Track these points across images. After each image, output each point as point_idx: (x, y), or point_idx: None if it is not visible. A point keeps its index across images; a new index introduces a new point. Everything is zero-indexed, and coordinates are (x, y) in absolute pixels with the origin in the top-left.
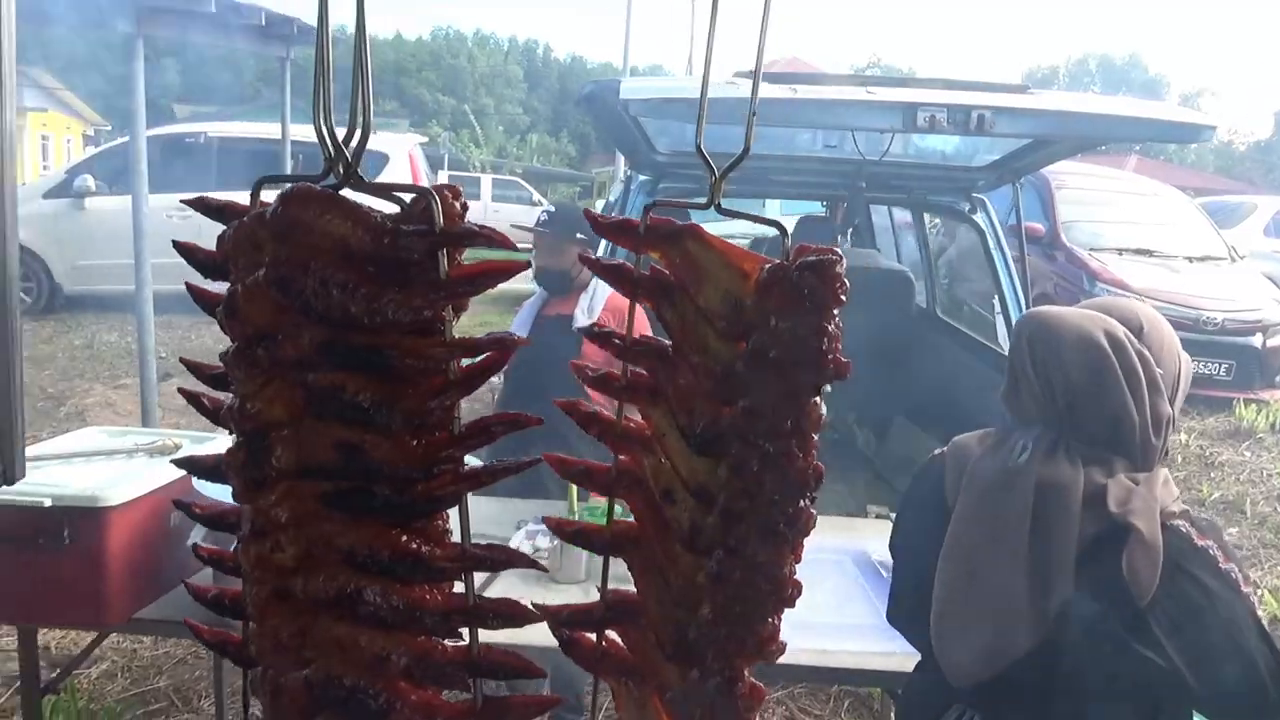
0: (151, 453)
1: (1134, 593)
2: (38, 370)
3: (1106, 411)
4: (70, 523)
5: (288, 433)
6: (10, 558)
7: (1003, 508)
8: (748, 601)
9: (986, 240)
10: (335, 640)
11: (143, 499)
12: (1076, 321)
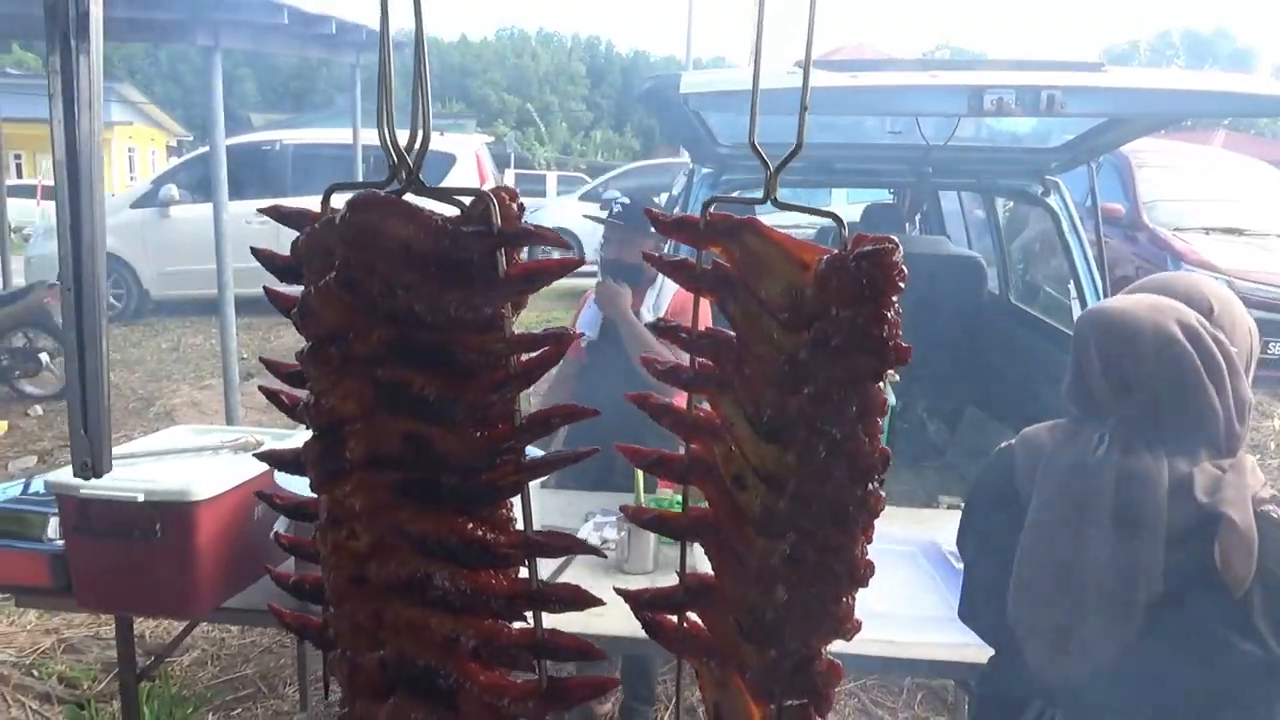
0: (236, 449)
1: (1228, 582)
2: (128, 373)
3: (1190, 406)
4: (161, 516)
5: (359, 426)
6: (106, 551)
7: (1084, 501)
8: (822, 582)
9: (1061, 224)
10: (407, 623)
11: (229, 493)
12: (1148, 317)
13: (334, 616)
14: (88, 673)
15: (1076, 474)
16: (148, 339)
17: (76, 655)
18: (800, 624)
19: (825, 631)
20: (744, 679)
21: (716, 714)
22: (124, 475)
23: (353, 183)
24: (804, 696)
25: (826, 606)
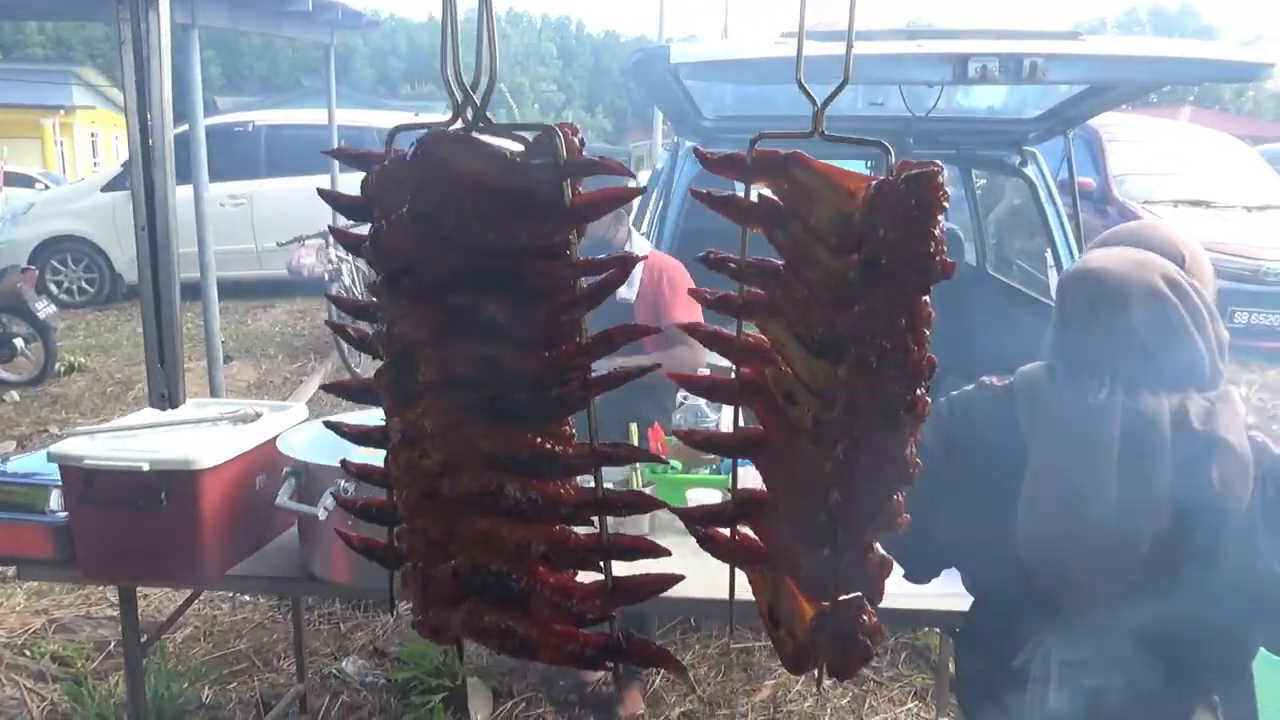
0: (235, 421)
1: (1229, 504)
2: (104, 357)
3: (1179, 351)
4: (167, 485)
5: (432, 351)
6: (111, 521)
7: (1092, 439)
8: (874, 483)
9: (1038, 193)
10: (479, 534)
11: (232, 462)
12: (1135, 274)
13: (406, 532)
14: (81, 651)
15: (1082, 415)
16: (122, 323)
17: (68, 635)
18: (854, 523)
19: (878, 526)
20: (796, 581)
21: (771, 616)
22: (126, 446)
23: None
24: (858, 589)
25: (879, 504)
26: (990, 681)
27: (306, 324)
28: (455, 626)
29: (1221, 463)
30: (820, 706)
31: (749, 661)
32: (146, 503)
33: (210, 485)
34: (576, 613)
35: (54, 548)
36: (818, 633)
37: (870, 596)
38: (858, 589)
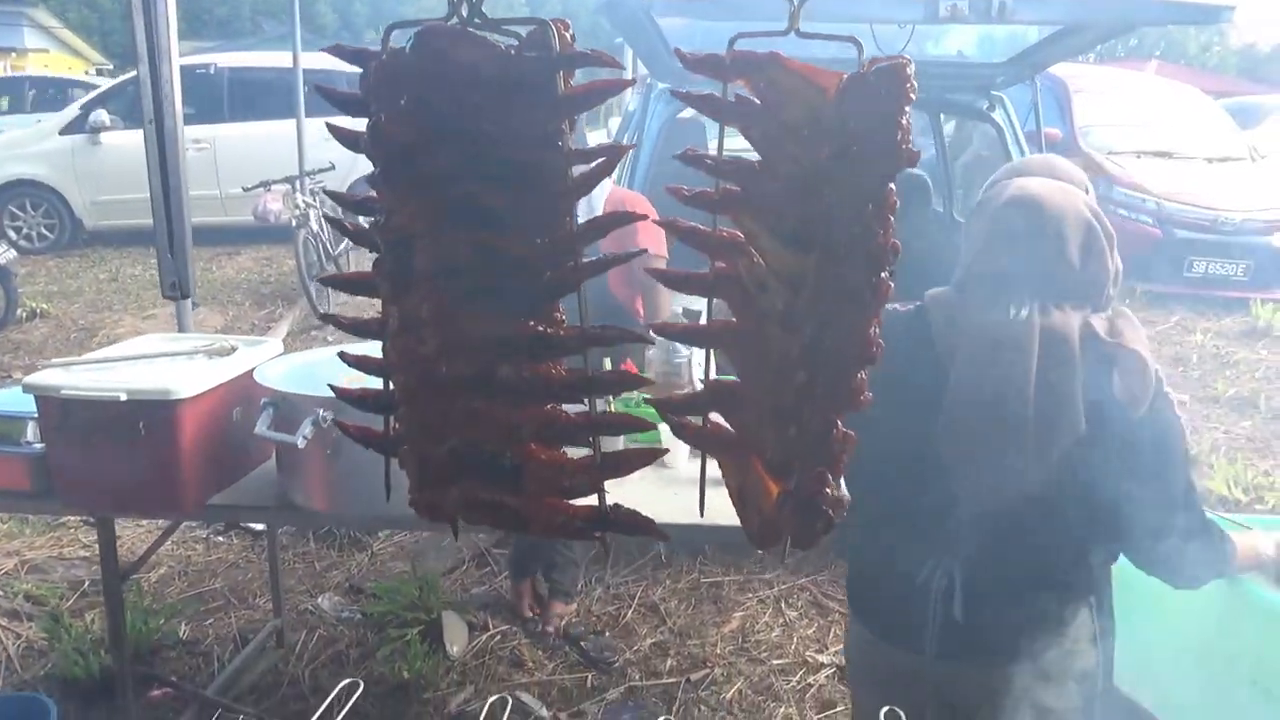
0: (210, 354)
1: (1128, 411)
2: (67, 303)
3: (1096, 273)
4: (144, 415)
5: (428, 239)
6: (88, 451)
7: (1012, 356)
8: (839, 362)
9: (1005, 138)
10: (474, 415)
11: (210, 393)
12: (1065, 199)
13: (403, 416)
14: (55, 591)
15: (1001, 334)
16: (85, 270)
17: (41, 575)
18: (819, 402)
19: (841, 405)
20: (763, 463)
21: (740, 497)
22: (102, 377)
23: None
24: (822, 464)
25: (843, 383)
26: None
27: (273, 271)
28: (450, 505)
29: (1125, 372)
30: (786, 635)
31: (719, 595)
32: (124, 433)
33: (188, 416)
34: (567, 487)
35: (31, 480)
36: (783, 507)
37: (832, 471)
38: (821, 464)
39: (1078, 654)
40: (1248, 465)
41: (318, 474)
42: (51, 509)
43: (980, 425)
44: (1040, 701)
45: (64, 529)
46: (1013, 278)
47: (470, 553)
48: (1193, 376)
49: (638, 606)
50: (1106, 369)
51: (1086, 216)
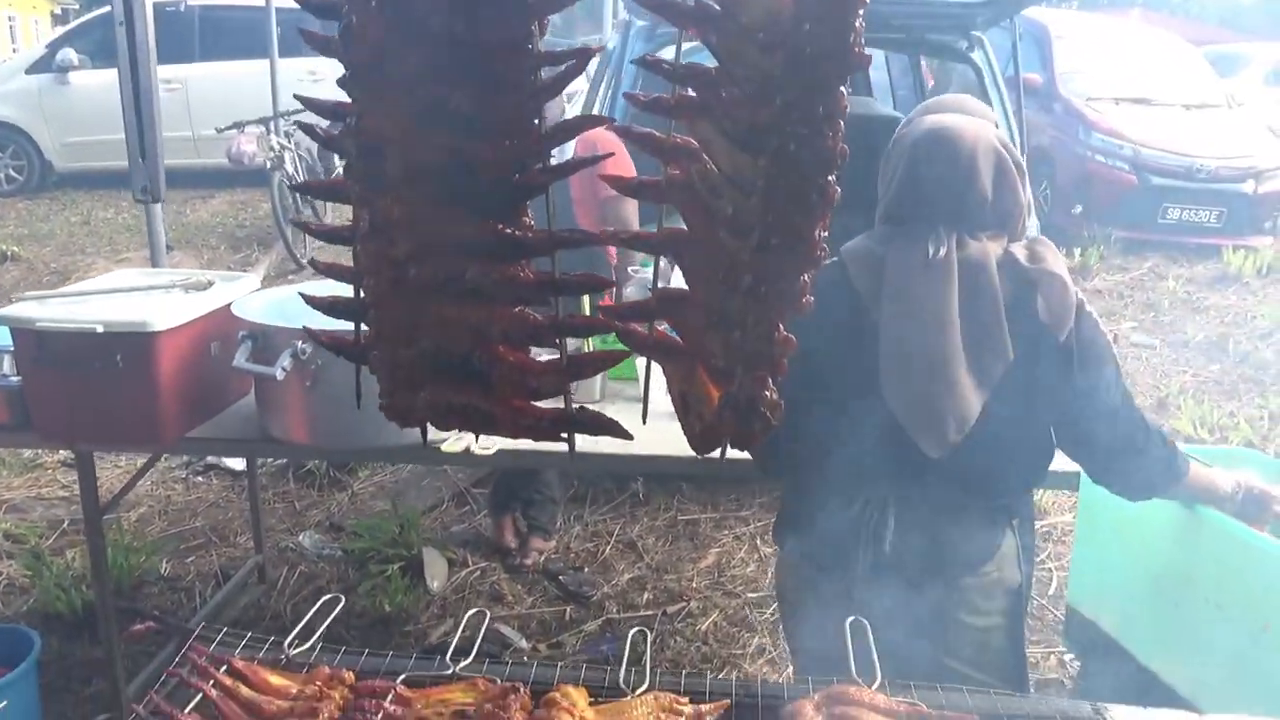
0: (187, 288)
1: (1053, 332)
2: (39, 247)
3: (1009, 203)
4: (122, 348)
5: (399, 143)
6: (66, 383)
7: (935, 292)
8: (784, 264)
9: (984, 78)
10: (443, 318)
11: (187, 325)
12: (978, 132)
13: (374, 320)
14: (34, 530)
15: (923, 273)
16: (55, 213)
17: (20, 514)
18: (764, 305)
19: (786, 308)
20: (707, 370)
21: (683, 403)
22: (78, 310)
23: None
24: (763, 367)
25: (788, 286)
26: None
27: (249, 215)
28: (420, 409)
29: (1047, 294)
30: (761, 570)
31: (695, 532)
32: (101, 365)
33: (165, 348)
34: (534, 388)
35: (8, 412)
36: (724, 410)
37: (772, 374)
38: (763, 367)
39: (1004, 573)
40: (1214, 406)
41: (297, 407)
42: (29, 442)
43: (913, 363)
44: (968, 619)
45: (42, 470)
46: (928, 212)
47: (450, 492)
48: (1164, 321)
49: (615, 543)
50: (1030, 293)
51: (997, 148)
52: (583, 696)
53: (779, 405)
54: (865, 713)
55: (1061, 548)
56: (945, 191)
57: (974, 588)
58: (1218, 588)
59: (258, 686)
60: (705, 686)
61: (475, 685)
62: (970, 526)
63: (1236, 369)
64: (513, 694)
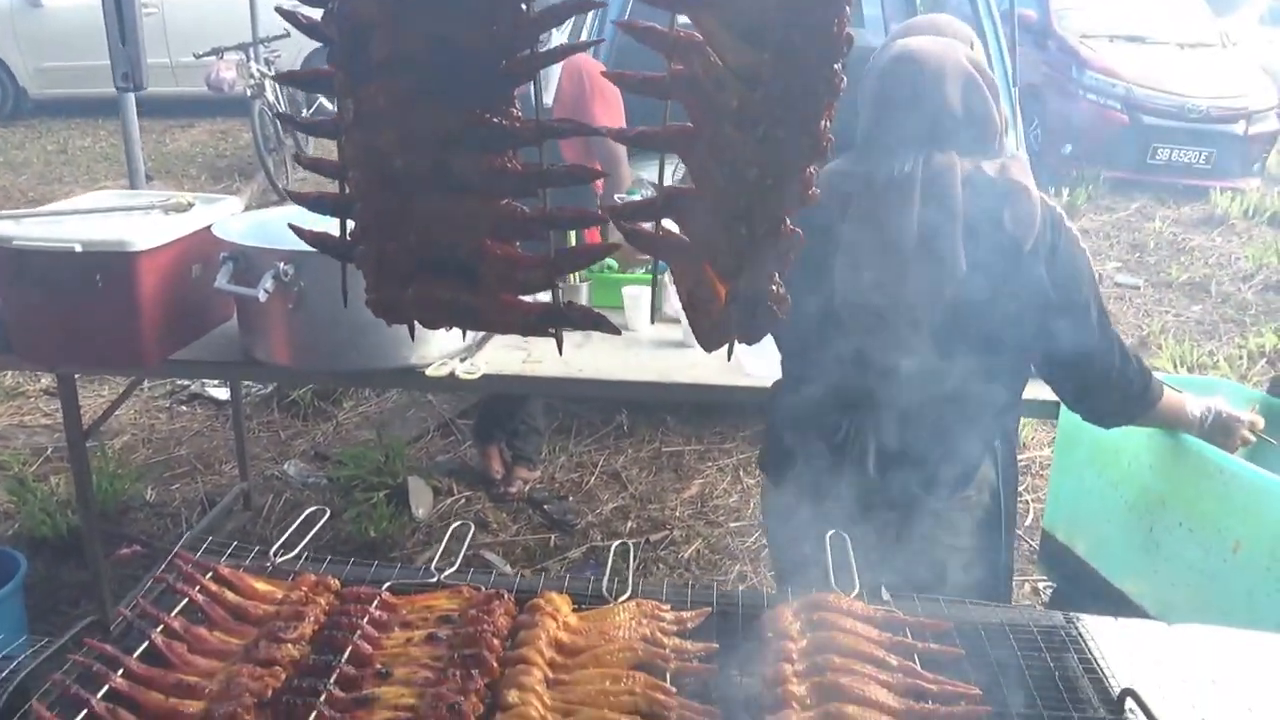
0: (167, 209)
1: (1018, 238)
2: (14, 175)
3: (979, 123)
4: (101, 267)
5: (383, 29)
6: (45, 304)
7: (895, 208)
8: (790, 156)
9: (979, 11)
10: (431, 211)
11: (168, 246)
12: (948, 54)
13: (359, 214)
14: (17, 457)
15: (888, 186)
16: (31, 141)
17: (3, 442)
18: (770, 198)
19: (791, 201)
20: (713, 267)
21: (690, 301)
22: (56, 229)
23: None
24: (770, 264)
25: (794, 178)
26: (800, 454)
27: (229, 144)
28: (407, 304)
29: (1014, 205)
30: (744, 501)
31: (679, 463)
32: (80, 286)
33: (146, 269)
34: (522, 281)
35: None
36: (731, 304)
37: (779, 268)
38: (770, 264)
39: (984, 496)
40: (1194, 346)
41: (280, 329)
42: (9, 364)
43: (867, 277)
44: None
45: (24, 398)
46: (898, 132)
47: (435, 423)
48: (1149, 262)
49: (600, 474)
50: (998, 206)
51: (966, 66)
52: (566, 603)
53: (785, 300)
54: (843, 618)
55: (1039, 480)
56: (913, 112)
57: (954, 510)
58: (1190, 511)
59: (244, 592)
60: (687, 596)
61: (460, 593)
62: (949, 450)
63: (1218, 309)
64: (497, 600)
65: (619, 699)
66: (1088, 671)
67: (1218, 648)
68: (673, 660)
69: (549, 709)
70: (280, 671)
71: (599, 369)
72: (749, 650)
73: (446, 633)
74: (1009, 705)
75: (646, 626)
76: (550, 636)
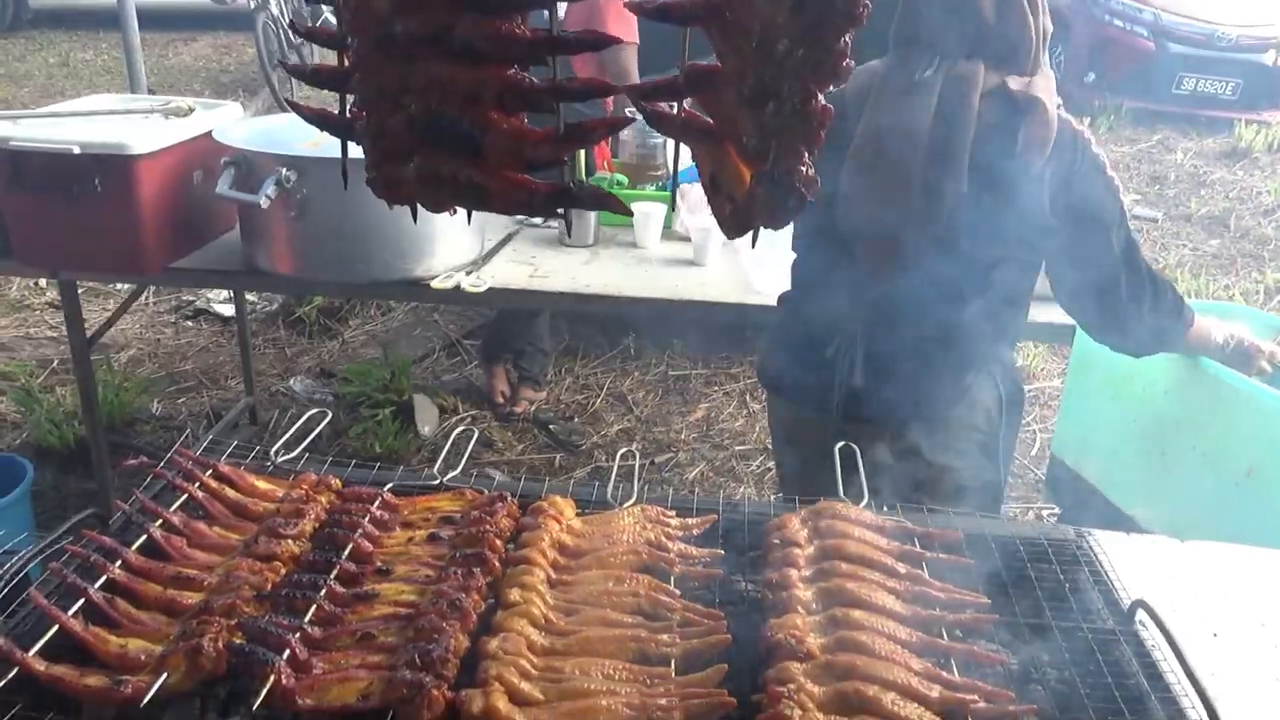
0: (167, 114)
1: (1028, 157)
2: (16, 88)
3: (1013, 34)
4: (100, 170)
5: None
6: (44, 206)
7: (911, 106)
8: (824, 23)
9: None
10: (433, 79)
11: (168, 150)
12: None
13: (358, 84)
14: (23, 368)
15: (906, 88)
16: (31, 53)
17: (9, 353)
18: (801, 70)
19: (824, 75)
20: (738, 149)
21: (713, 186)
22: (55, 130)
23: None
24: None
25: (827, 49)
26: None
27: (233, 59)
28: (409, 180)
29: (1030, 123)
30: (749, 425)
31: (685, 387)
32: (79, 189)
33: (146, 173)
34: (530, 157)
35: None
36: (757, 186)
37: (809, 146)
38: (799, 140)
39: (976, 418)
40: (1210, 280)
41: (282, 238)
42: (9, 269)
43: (871, 180)
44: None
45: (29, 310)
46: (928, 37)
47: (441, 342)
48: (1168, 195)
49: (606, 396)
50: (1015, 121)
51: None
52: (570, 507)
53: (815, 180)
54: (851, 526)
55: (1047, 411)
56: (946, 16)
57: (947, 429)
58: (1204, 435)
59: (244, 490)
60: (693, 504)
61: (462, 495)
62: (941, 368)
63: (1236, 244)
64: (500, 502)
65: (622, 599)
66: (1098, 584)
67: (1230, 564)
68: (677, 564)
69: (551, 608)
70: (280, 566)
71: (607, 284)
72: (755, 558)
73: (449, 533)
74: (1017, 615)
75: (651, 531)
76: (553, 538)
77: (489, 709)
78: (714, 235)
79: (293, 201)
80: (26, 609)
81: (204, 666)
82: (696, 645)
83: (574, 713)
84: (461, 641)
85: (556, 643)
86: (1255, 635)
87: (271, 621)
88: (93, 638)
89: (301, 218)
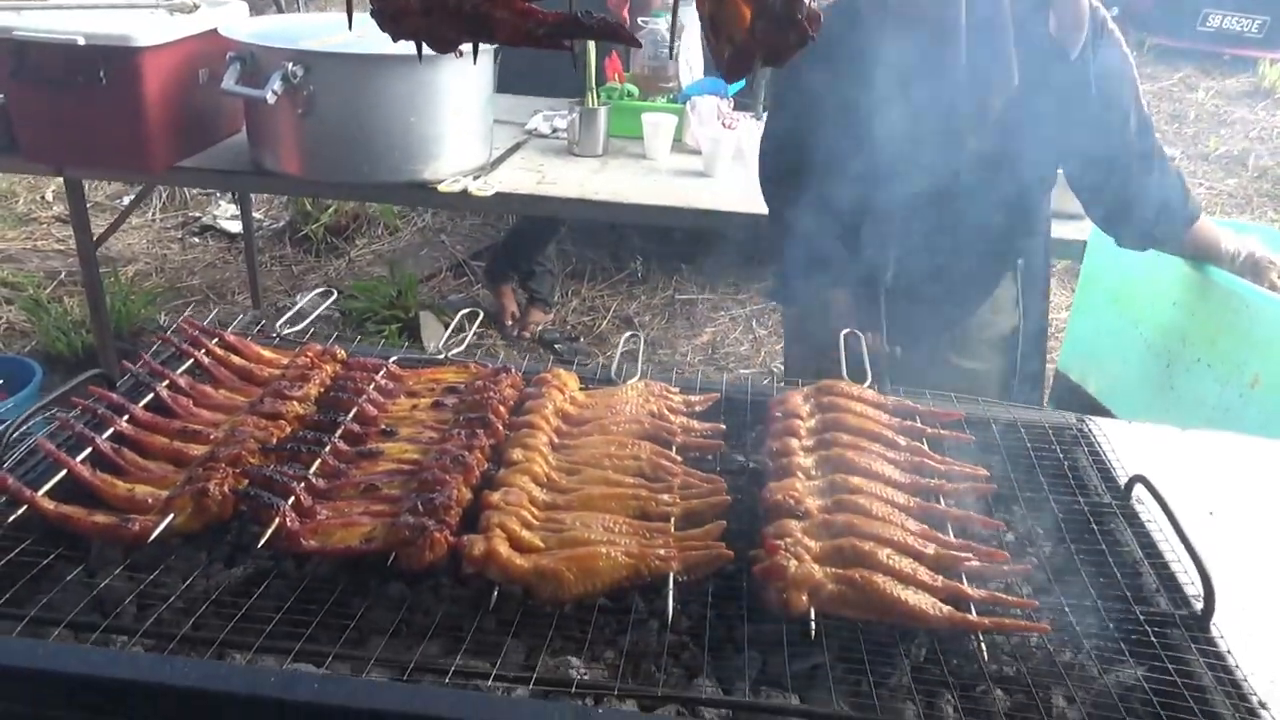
0: (172, 9)
1: (1064, 47)
2: None
3: None
4: (105, 62)
5: None
6: (50, 99)
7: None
8: None
9: None
10: None
11: (174, 45)
12: None
13: None
14: (31, 279)
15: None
16: None
17: (17, 264)
18: None
19: None
20: None
21: (713, 26)
22: (59, 21)
23: None
24: None
25: None
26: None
27: None
28: (414, 11)
29: (1059, 7)
30: (755, 349)
31: (691, 312)
32: (84, 81)
33: (151, 66)
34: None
35: None
36: (757, 20)
37: None
38: None
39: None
40: (1225, 218)
41: (289, 136)
42: (15, 165)
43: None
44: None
45: (36, 224)
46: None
47: (448, 263)
48: (1187, 134)
49: (612, 318)
50: (1044, 10)
51: None
52: (574, 379)
53: (817, 15)
54: (853, 403)
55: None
56: None
57: (969, 328)
58: (1210, 347)
59: (250, 357)
60: (696, 383)
61: (467, 368)
62: (968, 266)
63: (1254, 184)
64: (504, 373)
65: (623, 462)
66: (1097, 464)
67: (1229, 451)
68: (679, 434)
69: (553, 468)
70: (285, 425)
71: (615, 192)
72: (757, 435)
73: (453, 401)
74: (1016, 490)
75: (654, 404)
76: (557, 407)
77: (490, 552)
78: (723, 146)
79: (299, 99)
80: (33, 459)
81: (210, 509)
82: (696, 505)
83: (573, 559)
84: (464, 493)
85: (558, 498)
86: (1251, 515)
87: (277, 470)
88: (100, 482)
89: (308, 115)
